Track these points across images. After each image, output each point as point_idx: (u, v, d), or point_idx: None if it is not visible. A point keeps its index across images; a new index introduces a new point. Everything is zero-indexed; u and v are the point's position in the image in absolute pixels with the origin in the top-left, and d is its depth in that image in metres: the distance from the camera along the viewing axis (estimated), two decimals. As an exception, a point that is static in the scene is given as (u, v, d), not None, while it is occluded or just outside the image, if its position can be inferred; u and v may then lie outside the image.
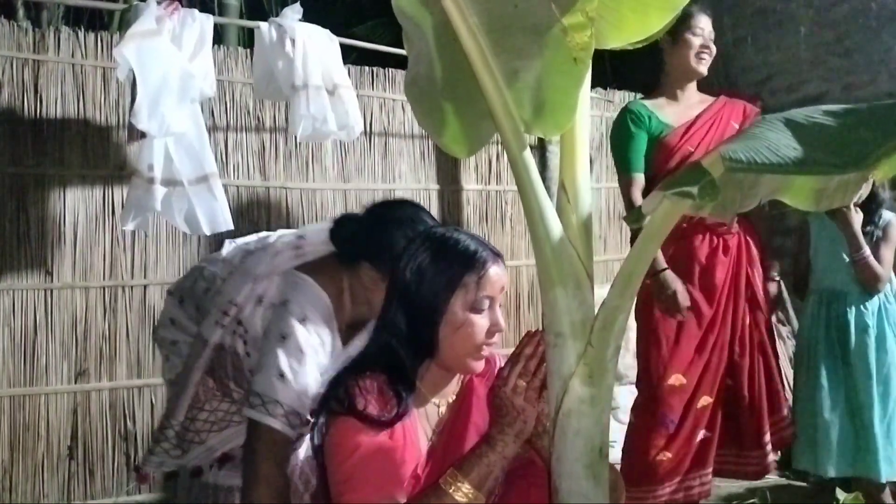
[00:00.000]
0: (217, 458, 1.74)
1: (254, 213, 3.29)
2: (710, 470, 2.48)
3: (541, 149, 3.48)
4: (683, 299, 2.39)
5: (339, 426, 1.27)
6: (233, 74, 3.27)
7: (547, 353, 1.13)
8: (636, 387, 2.64)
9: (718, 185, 1.05)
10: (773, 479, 3.25)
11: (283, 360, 1.52)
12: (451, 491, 1.16)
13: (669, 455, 2.42)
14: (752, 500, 3.02)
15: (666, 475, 2.42)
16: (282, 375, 1.51)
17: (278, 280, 1.63)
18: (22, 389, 2.74)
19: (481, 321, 1.29)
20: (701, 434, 2.44)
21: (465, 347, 1.28)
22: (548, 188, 3.46)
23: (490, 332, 1.30)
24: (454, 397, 1.41)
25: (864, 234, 2.41)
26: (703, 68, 2.55)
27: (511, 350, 1.25)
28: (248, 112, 3.34)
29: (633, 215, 1.15)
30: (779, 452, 2.63)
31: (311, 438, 1.35)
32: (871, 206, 2.46)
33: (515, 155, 1.09)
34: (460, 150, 1.20)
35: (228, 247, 1.88)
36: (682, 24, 2.53)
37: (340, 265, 1.65)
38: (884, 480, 2.35)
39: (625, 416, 2.73)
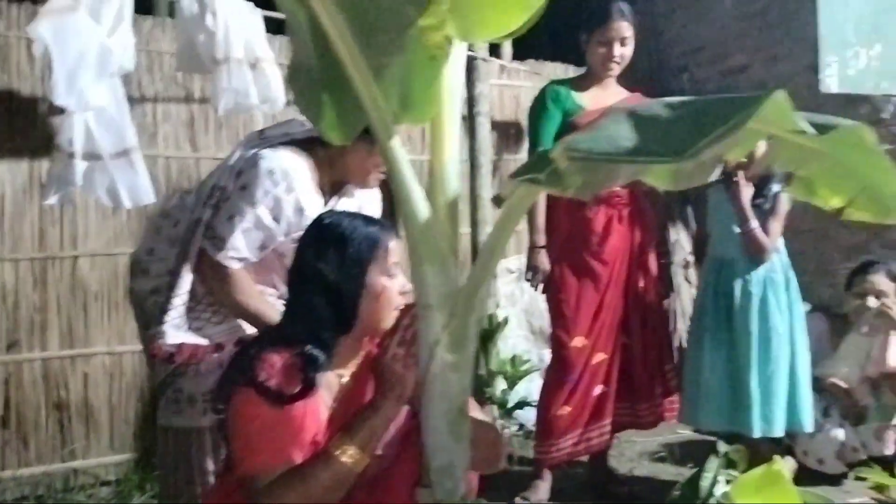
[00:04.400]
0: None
1: (184, 184, 3.31)
2: (608, 422, 2.68)
3: (470, 119, 3.57)
4: (541, 280, 2.67)
5: (240, 396, 1.36)
6: (161, 44, 3.27)
7: (417, 323, 1.24)
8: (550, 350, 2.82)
9: (562, 172, 1.16)
10: (686, 434, 3.47)
11: (236, 205, 1.72)
12: (337, 454, 1.28)
13: (569, 409, 2.62)
14: (661, 454, 3.25)
15: (567, 428, 2.63)
16: (231, 218, 1.72)
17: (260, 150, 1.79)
18: (-47, 360, 2.78)
19: (395, 285, 1.43)
20: (598, 389, 2.65)
21: (387, 310, 1.40)
22: (475, 158, 3.58)
23: (402, 293, 1.42)
24: (356, 368, 1.51)
25: (755, 206, 2.57)
26: (608, 73, 2.68)
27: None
28: (177, 82, 3.35)
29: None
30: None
31: (216, 406, 1.45)
32: (762, 180, 2.62)
33: (384, 143, 1.19)
34: (337, 138, 1.29)
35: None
36: (593, 26, 2.64)
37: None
38: (757, 436, 2.55)
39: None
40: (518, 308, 4.14)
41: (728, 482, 2.01)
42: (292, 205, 1.75)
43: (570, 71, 4.22)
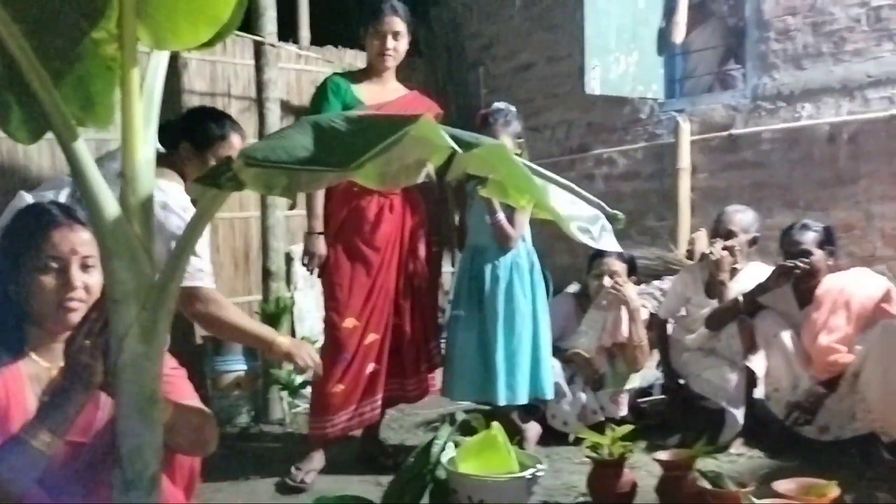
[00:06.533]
0: None
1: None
2: (378, 397, 2.87)
3: (259, 104, 3.61)
4: (318, 264, 2.79)
5: None
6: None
7: (104, 315, 1.32)
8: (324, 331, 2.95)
9: (241, 179, 1.28)
10: (465, 404, 3.76)
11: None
12: (27, 438, 1.33)
13: (342, 387, 2.77)
14: (436, 423, 3.50)
15: (341, 405, 2.78)
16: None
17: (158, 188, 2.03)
18: None
19: (48, 280, 1.46)
20: (370, 367, 2.81)
21: (41, 305, 1.44)
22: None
23: (63, 291, 1.46)
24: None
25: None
26: (385, 65, 2.83)
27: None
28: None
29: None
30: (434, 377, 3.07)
31: None
32: None
33: (67, 144, 1.24)
34: (24, 138, 1.32)
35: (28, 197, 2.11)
36: (369, 20, 2.78)
37: (168, 159, 2.19)
38: (502, 404, 2.84)
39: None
40: (316, 290, 4.25)
41: (457, 447, 2.26)
42: None
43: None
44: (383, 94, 2.86)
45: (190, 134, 2.31)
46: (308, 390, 3.54)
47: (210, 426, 1.57)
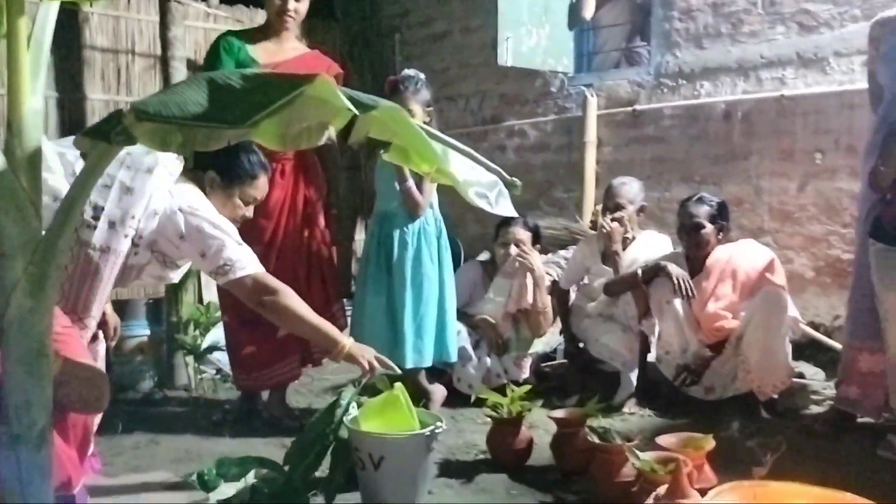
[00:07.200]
0: None
1: None
2: (295, 358, 2.93)
3: (164, 63, 3.50)
4: None
5: None
6: None
7: (-6, 271, 1.28)
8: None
9: (133, 134, 1.27)
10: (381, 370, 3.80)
11: (211, 238, 2.09)
12: None
13: (253, 348, 2.84)
14: (344, 387, 3.53)
15: (255, 365, 2.85)
16: (219, 249, 2.10)
17: (169, 194, 2.09)
18: None
19: None
20: (281, 332, 2.83)
21: None
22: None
23: None
24: None
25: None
26: (285, 26, 2.81)
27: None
28: None
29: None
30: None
31: None
32: None
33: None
34: None
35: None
36: None
37: (193, 175, 2.22)
38: (409, 367, 2.91)
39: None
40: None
41: (360, 407, 2.31)
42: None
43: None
44: (280, 52, 2.85)
45: (219, 164, 2.24)
46: (214, 356, 3.52)
47: (101, 382, 1.56)
